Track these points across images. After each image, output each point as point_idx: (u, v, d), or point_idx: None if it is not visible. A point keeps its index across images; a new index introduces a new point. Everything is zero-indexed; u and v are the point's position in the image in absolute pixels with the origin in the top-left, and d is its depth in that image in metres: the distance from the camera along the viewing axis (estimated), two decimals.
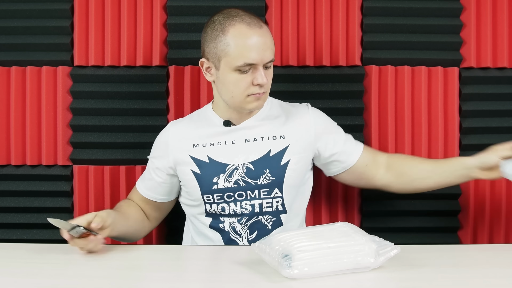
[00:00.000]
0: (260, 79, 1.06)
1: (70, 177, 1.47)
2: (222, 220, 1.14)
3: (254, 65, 1.06)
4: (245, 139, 1.16)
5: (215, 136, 1.17)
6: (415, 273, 0.84)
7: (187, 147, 1.18)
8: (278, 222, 1.14)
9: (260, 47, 1.04)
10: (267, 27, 1.12)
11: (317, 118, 1.22)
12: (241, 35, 1.05)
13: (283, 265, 0.80)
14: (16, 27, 1.46)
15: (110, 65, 1.46)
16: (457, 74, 1.46)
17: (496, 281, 0.81)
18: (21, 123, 1.46)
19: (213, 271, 0.90)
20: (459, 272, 0.86)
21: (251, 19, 1.07)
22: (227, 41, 1.05)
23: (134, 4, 1.47)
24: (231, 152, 1.15)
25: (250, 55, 1.04)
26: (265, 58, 1.06)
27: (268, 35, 1.08)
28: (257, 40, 1.05)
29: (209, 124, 1.20)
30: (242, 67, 1.05)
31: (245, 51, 1.04)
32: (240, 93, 1.09)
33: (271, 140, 1.15)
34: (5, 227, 1.46)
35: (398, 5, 1.46)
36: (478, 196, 1.48)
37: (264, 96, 1.12)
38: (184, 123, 1.25)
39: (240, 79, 1.07)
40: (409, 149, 1.46)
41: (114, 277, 0.83)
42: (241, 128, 1.18)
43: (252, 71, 1.07)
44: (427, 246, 1.02)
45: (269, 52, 1.07)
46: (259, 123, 1.18)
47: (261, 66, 1.06)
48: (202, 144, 1.17)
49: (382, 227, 1.47)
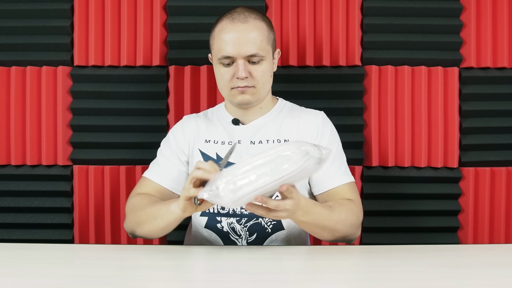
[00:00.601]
0: (239, 72, 1.09)
1: (70, 177, 1.47)
2: (219, 220, 1.14)
3: (232, 58, 1.09)
4: (250, 141, 1.16)
5: (224, 135, 1.18)
6: (415, 273, 0.84)
7: (200, 141, 1.19)
8: (278, 225, 1.13)
9: (237, 41, 1.08)
10: (264, 23, 1.12)
11: (324, 131, 1.18)
12: (222, 29, 1.11)
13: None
14: (16, 27, 1.46)
15: (110, 65, 1.46)
16: (457, 74, 1.46)
17: (496, 281, 0.81)
18: (21, 123, 1.46)
19: (212, 271, 0.90)
20: (459, 272, 0.86)
21: (239, 15, 1.10)
22: (213, 35, 1.14)
23: (134, 4, 1.47)
24: (237, 152, 1.15)
25: (226, 48, 1.09)
26: (242, 51, 1.08)
27: (252, 30, 1.09)
28: (234, 34, 1.08)
29: (220, 122, 1.22)
30: (222, 59, 1.10)
31: (223, 44, 1.09)
32: (225, 86, 1.13)
33: (276, 144, 1.15)
34: (5, 227, 1.47)
35: (398, 5, 1.46)
36: (478, 196, 1.48)
37: (252, 91, 1.12)
38: (199, 118, 1.25)
39: (224, 72, 1.12)
40: (409, 149, 1.47)
41: (114, 277, 0.83)
42: (248, 127, 1.18)
43: (234, 64, 1.10)
44: (427, 246, 1.02)
45: (248, 46, 1.08)
46: (266, 124, 1.18)
47: (240, 60, 1.09)
48: (214, 141, 1.18)
49: (382, 227, 1.47)
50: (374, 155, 1.47)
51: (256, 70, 1.11)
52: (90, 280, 0.81)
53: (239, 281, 0.82)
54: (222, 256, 0.98)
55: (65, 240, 1.47)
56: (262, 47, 1.10)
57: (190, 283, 0.83)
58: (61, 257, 0.95)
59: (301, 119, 1.19)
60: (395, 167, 1.48)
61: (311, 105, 1.29)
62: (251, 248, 1.02)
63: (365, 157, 1.48)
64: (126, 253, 0.99)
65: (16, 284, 0.79)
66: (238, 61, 1.09)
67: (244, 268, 0.88)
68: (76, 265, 0.91)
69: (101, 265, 0.90)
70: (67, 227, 1.48)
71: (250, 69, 1.10)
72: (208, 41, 1.17)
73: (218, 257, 0.97)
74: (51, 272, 0.85)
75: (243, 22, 1.10)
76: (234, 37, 1.08)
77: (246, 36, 1.09)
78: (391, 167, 1.48)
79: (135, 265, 0.90)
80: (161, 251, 1.01)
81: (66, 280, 0.81)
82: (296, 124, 1.18)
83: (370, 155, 1.48)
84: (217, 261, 0.94)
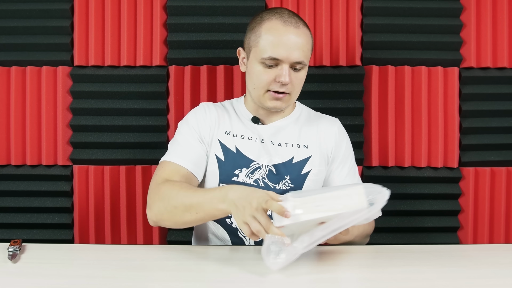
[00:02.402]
0: (283, 77, 1.05)
1: (70, 177, 1.47)
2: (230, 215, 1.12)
3: (279, 61, 1.05)
4: (271, 141, 1.15)
5: (246, 130, 1.16)
6: (415, 273, 0.84)
7: (220, 131, 1.15)
8: None
9: (289, 45, 1.04)
10: (309, 32, 1.11)
11: (341, 141, 1.19)
12: (273, 29, 1.06)
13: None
14: (16, 27, 1.46)
15: (110, 65, 1.46)
16: (457, 74, 1.46)
17: (496, 281, 0.81)
18: (21, 123, 1.46)
19: (212, 270, 0.90)
20: (459, 272, 0.86)
21: (290, 18, 1.07)
22: (260, 32, 1.08)
23: (134, 4, 1.47)
24: (258, 150, 1.14)
25: (276, 50, 1.04)
26: (291, 57, 1.05)
27: (303, 37, 1.07)
28: (288, 38, 1.05)
29: (240, 117, 1.19)
30: (267, 60, 1.05)
31: (273, 45, 1.05)
32: (261, 86, 1.09)
33: (295, 148, 1.15)
34: (5, 227, 1.46)
35: (398, 5, 1.46)
36: (478, 196, 1.48)
37: (286, 99, 1.10)
38: (219, 108, 1.20)
39: (263, 72, 1.07)
40: (409, 149, 1.47)
41: (114, 277, 0.83)
42: (268, 128, 1.17)
43: (278, 67, 1.07)
44: (427, 246, 1.02)
45: (298, 52, 1.05)
46: (286, 127, 1.18)
47: (286, 65, 1.05)
48: (233, 134, 1.15)
49: (382, 227, 1.47)
50: (374, 155, 1.47)
51: (296, 77, 1.09)
52: (90, 280, 0.81)
53: (243, 281, 0.82)
54: (224, 256, 0.98)
55: (65, 240, 1.47)
56: (307, 56, 1.09)
57: (191, 283, 0.83)
58: (61, 257, 0.95)
59: (320, 126, 1.19)
60: (395, 167, 1.48)
61: (311, 105, 1.29)
62: (257, 248, 1.02)
63: (365, 157, 1.48)
64: (126, 253, 0.99)
65: (16, 284, 0.79)
66: (284, 65, 1.05)
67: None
68: (76, 265, 0.91)
69: (101, 265, 0.89)
70: (67, 227, 1.48)
71: (291, 76, 1.07)
72: (208, 41, 1.17)
73: (220, 257, 0.97)
74: (51, 272, 0.85)
75: (295, 27, 1.06)
76: (287, 40, 1.04)
77: (297, 42, 1.06)
78: (391, 167, 1.48)
79: (135, 265, 0.90)
80: (162, 251, 1.01)
81: (66, 280, 0.81)
82: (315, 130, 1.18)
83: (370, 155, 1.48)
84: (219, 261, 0.94)
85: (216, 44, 1.45)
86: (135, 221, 1.49)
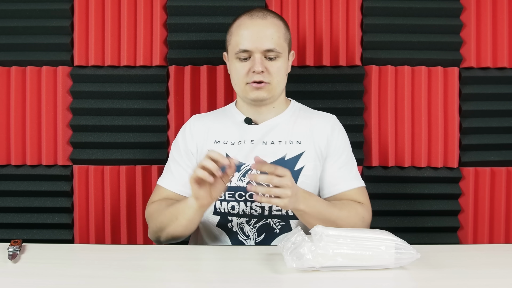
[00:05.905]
0: (256, 66, 1.09)
1: (70, 177, 1.47)
2: (230, 219, 1.13)
3: (250, 52, 1.10)
4: (262, 141, 1.16)
5: (236, 134, 1.18)
6: (415, 273, 0.84)
7: (208, 142, 1.19)
8: (287, 226, 1.13)
9: (255, 35, 1.10)
10: (280, 21, 1.15)
11: (335, 135, 1.18)
12: (240, 25, 1.13)
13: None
14: (16, 27, 1.46)
15: (110, 65, 1.46)
16: (457, 74, 1.46)
17: (496, 281, 0.82)
18: (21, 123, 1.46)
19: (214, 271, 0.90)
20: (459, 272, 0.86)
21: (258, 13, 1.13)
22: (231, 31, 1.16)
23: (134, 4, 1.47)
24: (249, 151, 1.14)
25: (244, 42, 1.10)
26: (260, 46, 1.09)
27: (270, 26, 1.12)
28: (253, 29, 1.11)
29: (232, 121, 1.21)
30: (240, 53, 1.11)
31: (240, 39, 1.11)
32: (240, 81, 1.13)
33: (288, 145, 1.15)
34: (5, 227, 1.46)
35: (398, 5, 1.46)
36: (478, 196, 1.48)
37: (267, 88, 1.13)
38: (208, 118, 1.25)
39: (240, 67, 1.13)
40: (409, 149, 1.47)
41: (114, 277, 0.83)
42: (261, 127, 1.18)
43: (251, 59, 1.11)
44: (427, 246, 1.02)
45: (265, 40, 1.10)
46: (279, 125, 1.18)
47: (257, 54, 1.10)
48: (223, 142, 1.18)
49: (382, 227, 1.46)
50: (374, 155, 1.47)
51: (272, 66, 1.12)
52: (90, 280, 0.81)
53: (243, 281, 0.82)
54: (225, 256, 0.98)
55: (65, 240, 1.47)
56: (279, 44, 1.12)
57: (191, 283, 0.83)
58: (61, 257, 0.95)
59: (313, 121, 1.20)
60: (395, 167, 1.48)
61: (311, 104, 1.29)
62: (257, 248, 1.02)
63: (365, 157, 1.48)
64: (126, 253, 0.99)
65: (16, 284, 0.79)
66: (255, 55, 1.10)
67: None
68: (76, 265, 0.91)
69: (101, 265, 0.89)
70: (67, 227, 1.48)
71: (266, 65, 1.11)
72: (208, 41, 1.18)
73: (220, 257, 0.97)
74: (51, 272, 0.85)
75: (262, 18, 1.12)
76: (253, 31, 1.10)
77: (264, 31, 1.11)
78: (391, 167, 1.48)
79: (135, 265, 0.90)
80: (162, 251, 1.01)
81: (66, 280, 0.81)
82: (308, 126, 1.19)
83: (370, 155, 1.48)
84: (221, 261, 0.95)
85: (216, 44, 1.45)
86: (135, 221, 1.49)
